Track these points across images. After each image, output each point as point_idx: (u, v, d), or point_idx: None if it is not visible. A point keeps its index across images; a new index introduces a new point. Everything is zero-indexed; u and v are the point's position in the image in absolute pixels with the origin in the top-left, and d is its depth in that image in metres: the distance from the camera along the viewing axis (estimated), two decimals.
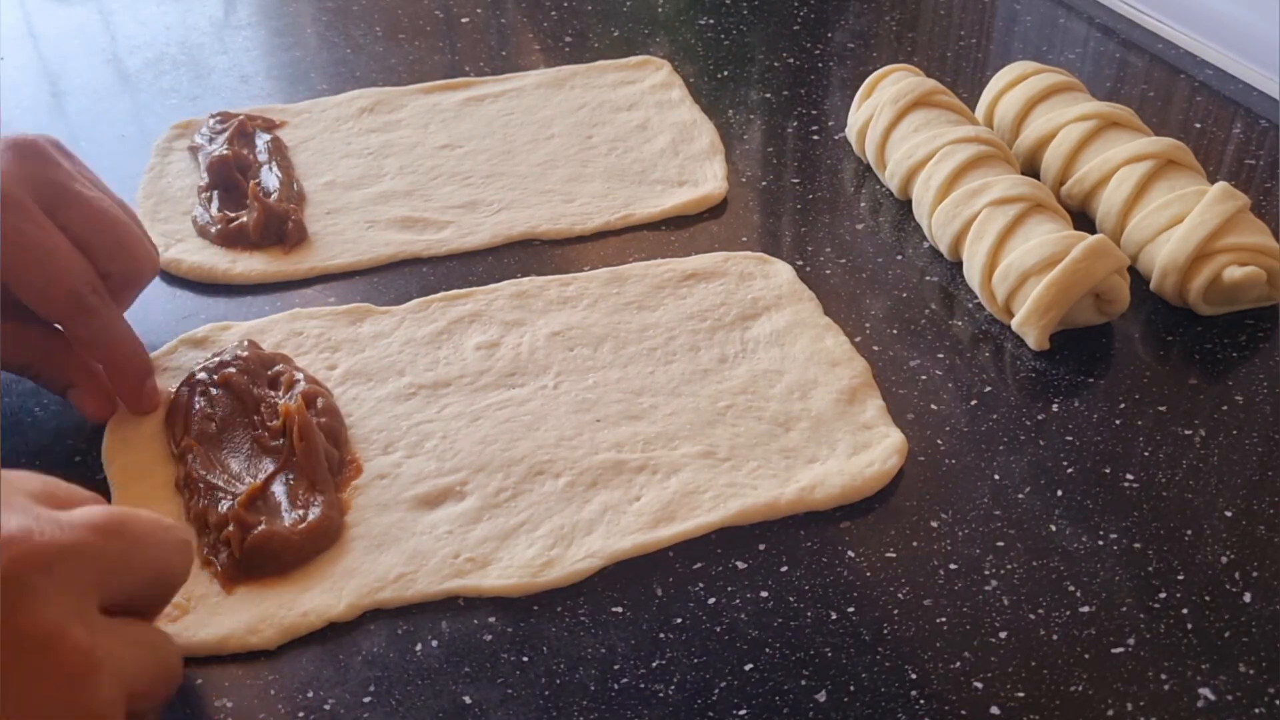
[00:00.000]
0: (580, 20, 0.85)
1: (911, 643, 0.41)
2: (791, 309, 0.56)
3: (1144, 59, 0.78)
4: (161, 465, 0.48)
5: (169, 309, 0.58)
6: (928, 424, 0.51)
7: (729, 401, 0.51)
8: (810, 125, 0.72)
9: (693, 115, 0.72)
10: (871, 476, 0.47)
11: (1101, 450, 0.49)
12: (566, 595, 0.44)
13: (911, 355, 0.54)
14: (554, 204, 0.64)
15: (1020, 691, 0.40)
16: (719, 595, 0.43)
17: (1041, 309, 0.53)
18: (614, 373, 0.53)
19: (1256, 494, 0.47)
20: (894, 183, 0.64)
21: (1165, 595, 0.43)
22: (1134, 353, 0.55)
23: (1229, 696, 0.40)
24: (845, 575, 0.44)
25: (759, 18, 0.85)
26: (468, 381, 0.53)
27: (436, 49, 0.81)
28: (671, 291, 0.58)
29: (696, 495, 0.47)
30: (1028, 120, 0.65)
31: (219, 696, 0.40)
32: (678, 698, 0.40)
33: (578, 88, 0.75)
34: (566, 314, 0.56)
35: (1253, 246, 0.54)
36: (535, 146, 0.69)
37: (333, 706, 0.40)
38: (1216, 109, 0.72)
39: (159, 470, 0.48)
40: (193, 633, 0.42)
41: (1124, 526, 0.46)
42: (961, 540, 0.45)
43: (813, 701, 0.40)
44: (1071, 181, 0.61)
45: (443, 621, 0.43)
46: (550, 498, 0.47)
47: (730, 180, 0.66)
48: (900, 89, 0.64)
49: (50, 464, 0.49)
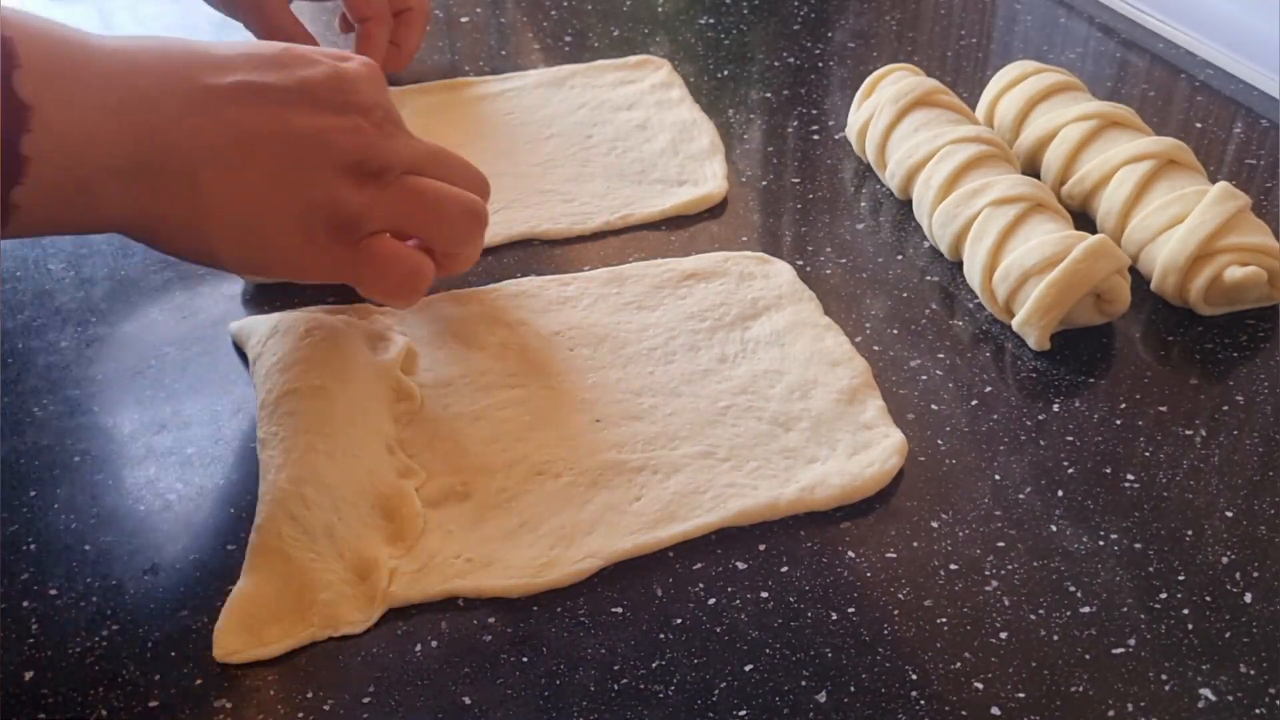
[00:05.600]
0: (580, 20, 0.85)
1: (912, 643, 0.41)
2: (791, 309, 0.56)
3: (1144, 59, 0.78)
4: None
5: (168, 310, 0.57)
6: (928, 424, 0.50)
7: (729, 401, 0.51)
8: (810, 125, 0.72)
9: (693, 115, 0.72)
10: (872, 477, 0.47)
11: (1102, 450, 0.49)
12: (566, 595, 0.44)
13: (912, 355, 0.54)
14: (554, 203, 0.64)
15: (1021, 692, 0.40)
16: (719, 595, 0.43)
17: (1042, 309, 0.53)
18: (614, 373, 0.53)
19: (1257, 494, 0.47)
20: (894, 182, 0.64)
21: (1166, 596, 0.43)
22: (1135, 353, 0.55)
23: (1230, 697, 0.39)
24: (845, 576, 0.44)
25: (759, 17, 0.85)
26: (468, 381, 0.53)
27: (436, 49, 0.81)
28: (671, 291, 0.58)
29: (696, 495, 0.47)
30: (1028, 120, 0.65)
31: (219, 697, 0.40)
32: (678, 698, 0.40)
33: (577, 87, 0.75)
34: (566, 314, 0.56)
35: (1253, 246, 0.54)
36: (535, 146, 0.69)
37: (332, 707, 0.40)
38: (1217, 109, 0.72)
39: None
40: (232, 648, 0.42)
41: (1125, 527, 0.46)
42: (962, 540, 0.45)
43: (813, 702, 0.40)
44: (1072, 181, 0.61)
45: (442, 622, 0.43)
46: (550, 498, 0.47)
47: (730, 180, 0.66)
48: (901, 89, 0.64)
49: (50, 464, 0.49)
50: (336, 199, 0.46)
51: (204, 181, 0.44)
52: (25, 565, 0.45)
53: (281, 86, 0.46)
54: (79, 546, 0.46)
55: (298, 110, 0.46)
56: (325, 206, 0.46)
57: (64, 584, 0.44)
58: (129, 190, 0.43)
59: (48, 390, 0.53)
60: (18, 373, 0.54)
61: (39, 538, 0.46)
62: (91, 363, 0.54)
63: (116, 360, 0.55)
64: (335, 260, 0.47)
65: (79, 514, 0.47)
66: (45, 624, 0.43)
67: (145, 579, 0.44)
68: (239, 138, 0.44)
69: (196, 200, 0.44)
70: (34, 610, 0.43)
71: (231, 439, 0.50)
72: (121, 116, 0.42)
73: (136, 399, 0.52)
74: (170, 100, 0.44)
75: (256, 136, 0.45)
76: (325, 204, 0.46)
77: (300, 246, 0.46)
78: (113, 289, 0.59)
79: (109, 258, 0.61)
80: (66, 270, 0.60)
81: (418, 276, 0.49)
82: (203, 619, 0.43)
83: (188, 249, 0.46)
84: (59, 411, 0.52)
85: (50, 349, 0.55)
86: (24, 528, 0.46)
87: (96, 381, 0.53)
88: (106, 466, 0.49)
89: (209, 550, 0.45)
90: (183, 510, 0.47)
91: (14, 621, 0.43)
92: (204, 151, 0.44)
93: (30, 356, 0.55)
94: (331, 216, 0.46)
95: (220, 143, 0.44)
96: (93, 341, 0.56)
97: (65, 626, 0.42)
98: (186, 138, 0.43)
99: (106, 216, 0.44)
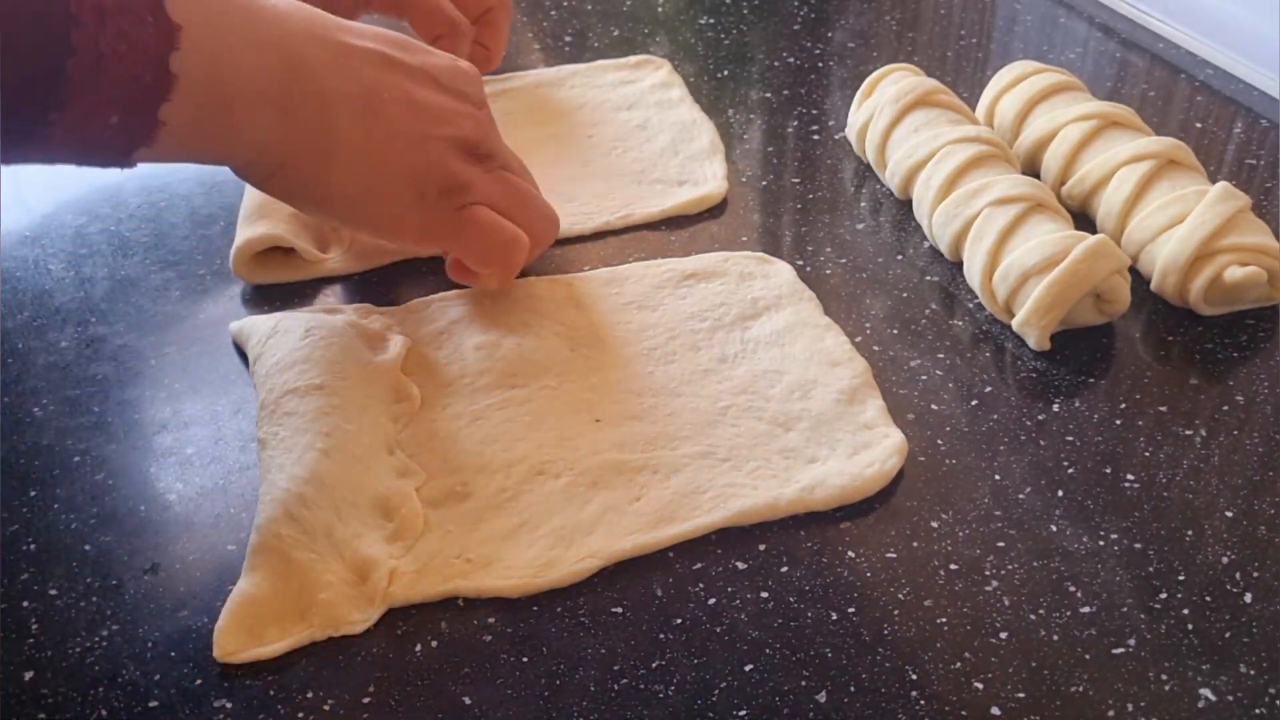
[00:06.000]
0: (580, 20, 0.85)
1: (912, 643, 0.41)
2: (791, 309, 0.56)
3: (1144, 59, 0.78)
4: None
5: (168, 310, 0.57)
6: (928, 424, 0.50)
7: (729, 401, 0.51)
8: (810, 125, 0.72)
9: (693, 115, 0.72)
10: (872, 477, 0.47)
11: (1102, 450, 0.49)
12: (566, 595, 0.44)
13: (912, 355, 0.54)
14: (554, 203, 0.64)
15: (1021, 692, 0.40)
16: (719, 596, 0.43)
17: (1042, 309, 0.53)
18: (614, 373, 0.53)
19: (1257, 494, 0.47)
20: (894, 182, 0.64)
21: (1166, 596, 0.43)
22: (1135, 353, 0.55)
23: (1230, 697, 0.39)
24: (845, 576, 0.44)
25: (759, 17, 0.85)
26: (468, 382, 0.52)
27: None
28: (671, 291, 0.58)
29: (696, 495, 0.47)
30: (1028, 120, 0.65)
31: (219, 697, 0.40)
32: (678, 698, 0.40)
33: (577, 87, 0.75)
34: (566, 314, 0.56)
35: (1253, 246, 0.54)
36: (535, 146, 0.69)
37: (332, 707, 0.40)
38: (1217, 109, 0.72)
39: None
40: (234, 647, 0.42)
41: (1125, 527, 0.46)
42: (962, 540, 0.45)
43: (813, 702, 0.40)
44: (1072, 181, 0.61)
45: (442, 621, 0.43)
46: (550, 498, 0.47)
47: (730, 180, 0.66)
48: (901, 89, 0.64)
49: (50, 464, 0.49)
50: (450, 165, 0.51)
51: (337, 123, 0.48)
52: (25, 565, 0.45)
53: (410, 64, 0.51)
54: (79, 546, 0.46)
55: (423, 86, 0.51)
56: (440, 168, 0.50)
57: (64, 584, 0.44)
58: (269, 119, 0.46)
59: (48, 390, 0.53)
60: (18, 373, 0.54)
61: (39, 538, 0.46)
62: (91, 363, 0.54)
63: (116, 360, 0.55)
64: (441, 221, 0.51)
65: (79, 514, 0.47)
66: (45, 624, 0.43)
67: (145, 579, 0.44)
68: (372, 91, 0.49)
69: (328, 138, 0.47)
70: (34, 610, 0.43)
71: (231, 439, 0.50)
72: (266, 50, 0.45)
73: (136, 399, 0.52)
74: (313, 46, 0.47)
75: (387, 96, 0.49)
76: (440, 166, 0.50)
77: (411, 202, 0.50)
78: (113, 289, 0.59)
79: (109, 258, 0.61)
80: (66, 270, 0.60)
81: (515, 246, 0.53)
82: (203, 619, 0.43)
83: (309, 188, 0.49)
84: (59, 411, 0.52)
85: (50, 349, 0.55)
86: (24, 528, 0.46)
87: (96, 381, 0.53)
88: (106, 466, 0.49)
89: (209, 550, 0.45)
90: (183, 510, 0.47)
91: (14, 621, 0.43)
92: (340, 96, 0.48)
93: (30, 356, 0.55)
94: (444, 180, 0.51)
95: (355, 92, 0.48)
96: (93, 341, 0.56)
97: (65, 626, 0.43)
98: (326, 80, 0.47)
99: (245, 142, 0.46)
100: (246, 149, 0.47)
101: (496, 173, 0.53)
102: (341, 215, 0.51)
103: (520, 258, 0.54)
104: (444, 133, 0.51)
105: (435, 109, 0.51)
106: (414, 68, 0.51)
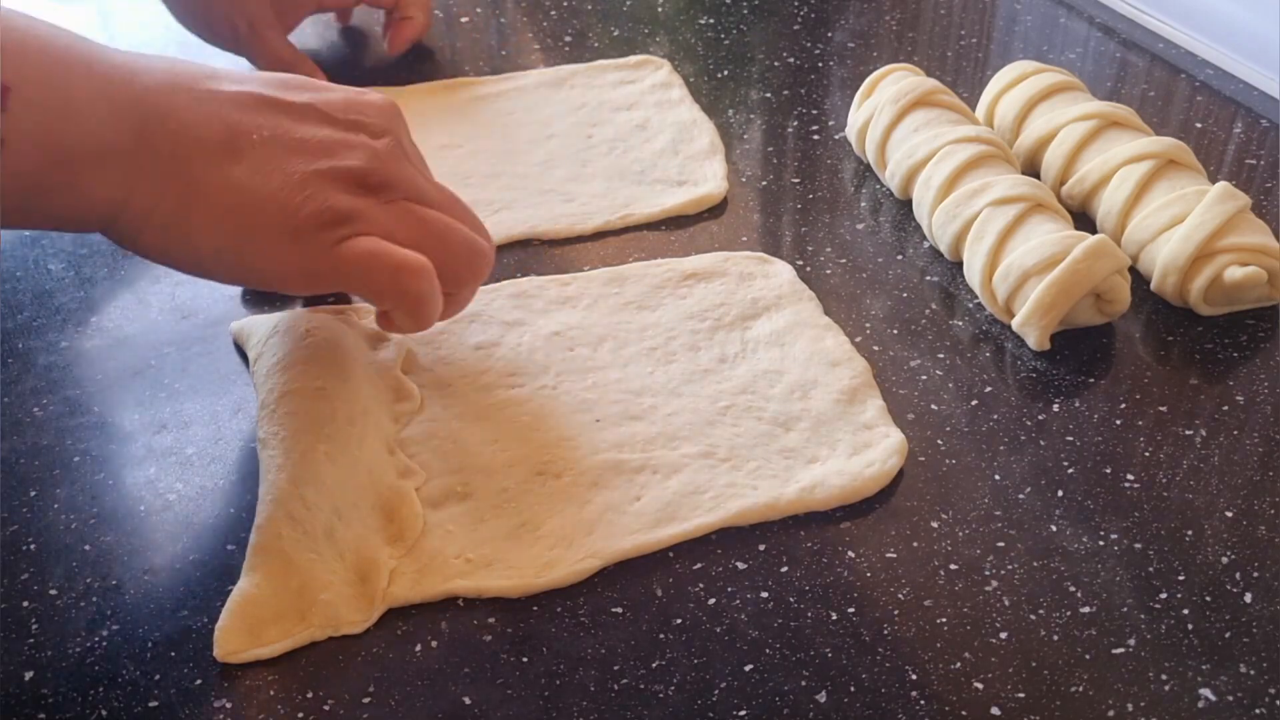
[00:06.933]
0: (580, 20, 0.85)
1: (912, 643, 0.41)
2: (791, 309, 0.56)
3: (1144, 59, 0.78)
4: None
5: (168, 310, 0.57)
6: (928, 424, 0.50)
7: (729, 401, 0.51)
8: (810, 125, 0.72)
9: (692, 115, 0.72)
10: (872, 477, 0.47)
11: (1102, 450, 0.49)
12: (566, 595, 0.44)
13: (912, 355, 0.54)
14: (553, 204, 0.64)
15: (1020, 692, 0.40)
16: (719, 596, 0.43)
17: (1042, 309, 0.53)
18: (614, 373, 0.53)
19: (1257, 494, 0.47)
20: (894, 182, 0.64)
21: (1166, 596, 0.43)
22: (1134, 353, 0.55)
23: (1230, 697, 0.39)
24: (845, 575, 0.44)
25: (759, 17, 0.85)
26: (468, 382, 0.53)
27: (436, 48, 0.81)
28: (671, 291, 0.58)
29: (696, 495, 0.47)
30: (1028, 120, 0.65)
31: (218, 697, 0.40)
32: (678, 698, 0.40)
33: (577, 87, 0.75)
34: (566, 314, 0.56)
35: (1253, 246, 0.54)
36: (535, 146, 0.69)
37: (332, 707, 0.40)
38: (1217, 109, 0.72)
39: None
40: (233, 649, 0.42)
41: (1125, 527, 0.46)
42: (962, 540, 0.45)
43: (813, 702, 0.40)
44: (1072, 181, 0.61)
45: (442, 621, 0.43)
46: (550, 498, 0.47)
47: (730, 180, 0.66)
48: (901, 89, 0.64)
49: (50, 464, 0.49)
50: (330, 198, 0.45)
51: (194, 171, 0.43)
52: (25, 565, 0.45)
53: (292, 102, 0.46)
54: (79, 546, 0.46)
55: (304, 123, 0.46)
56: (315, 202, 0.44)
57: (64, 584, 0.44)
58: (118, 175, 0.43)
59: (48, 390, 0.53)
60: (18, 373, 0.54)
61: (39, 538, 0.46)
62: (91, 363, 0.54)
63: (116, 360, 0.55)
64: (319, 258, 0.45)
65: (79, 514, 0.47)
66: (45, 624, 0.43)
67: (145, 579, 0.44)
68: (238, 134, 0.44)
69: (187, 189, 0.43)
70: (34, 610, 0.43)
71: (231, 439, 0.50)
72: (115, 102, 0.42)
73: (136, 399, 0.52)
74: (173, 96, 0.44)
75: (256, 137, 0.44)
76: (316, 200, 0.45)
77: (286, 243, 0.45)
78: (113, 289, 0.59)
79: (109, 258, 0.61)
80: (66, 270, 0.60)
81: (405, 272, 0.46)
82: (203, 619, 0.43)
83: (171, 246, 0.45)
84: (59, 411, 0.52)
85: (50, 349, 0.55)
86: (24, 528, 0.46)
87: (96, 381, 0.53)
88: (106, 466, 0.49)
89: (209, 550, 0.45)
90: (183, 510, 0.47)
91: (14, 621, 0.43)
92: (197, 144, 0.44)
93: (30, 356, 0.55)
94: (320, 214, 0.44)
95: (218, 137, 0.44)
96: (93, 341, 0.56)
97: (65, 626, 0.42)
98: (181, 128, 0.44)
99: (99, 200, 0.43)
100: (103, 208, 0.43)
101: (398, 206, 0.47)
102: (215, 270, 0.46)
103: (418, 286, 0.46)
104: (323, 166, 0.45)
105: (316, 143, 0.46)
106: (297, 105, 0.46)
